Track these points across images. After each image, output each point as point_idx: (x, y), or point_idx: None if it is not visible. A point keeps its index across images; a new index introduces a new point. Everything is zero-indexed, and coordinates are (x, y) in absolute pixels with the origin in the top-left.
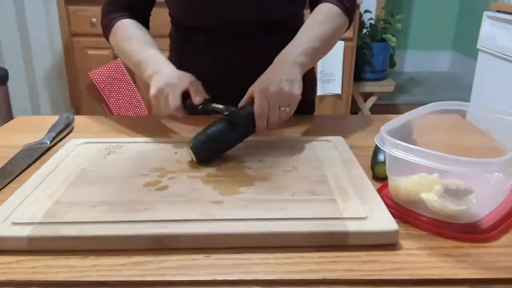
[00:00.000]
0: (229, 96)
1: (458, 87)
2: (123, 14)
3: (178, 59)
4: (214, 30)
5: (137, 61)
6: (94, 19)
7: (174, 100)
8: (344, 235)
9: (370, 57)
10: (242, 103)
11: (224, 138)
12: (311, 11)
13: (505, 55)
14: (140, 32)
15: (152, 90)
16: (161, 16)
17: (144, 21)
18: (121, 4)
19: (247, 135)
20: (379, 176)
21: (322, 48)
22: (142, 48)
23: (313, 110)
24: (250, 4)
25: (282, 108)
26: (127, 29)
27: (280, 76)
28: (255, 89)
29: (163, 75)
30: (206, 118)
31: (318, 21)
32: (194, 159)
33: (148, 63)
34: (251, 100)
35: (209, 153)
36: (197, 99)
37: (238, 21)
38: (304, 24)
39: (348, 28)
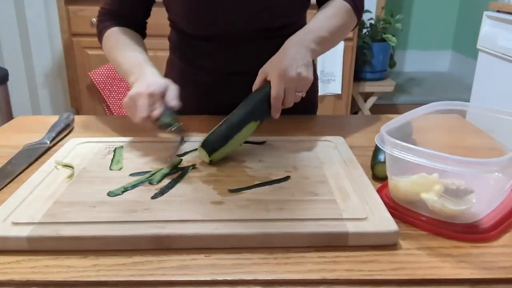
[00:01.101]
0: (234, 93)
1: (458, 87)
2: (115, 22)
3: (180, 61)
4: (216, 36)
5: (124, 69)
6: (94, 19)
7: (140, 112)
8: (344, 236)
9: (370, 57)
10: (255, 85)
11: (237, 133)
12: (319, 6)
13: (505, 55)
14: (130, 39)
15: (125, 99)
16: (161, 16)
17: (139, 30)
18: (114, 13)
19: (259, 124)
20: (379, 176)
21: (331, 39)
22: (129, 55)
23: (316, 109)
24: (252, 12)
25: (297, 93)
26: (117, 37)
27: (297, 59)
28: (271, 72)
29: (140, 82)
30: (207, 118)
31: (330, 14)
32: (207, 159)
33: (132, 70)
34: (265, 82)
35: (222, 151)
36: (154, 113)
37: (241, 28)
38: (316, 15)
39: (355, 28)
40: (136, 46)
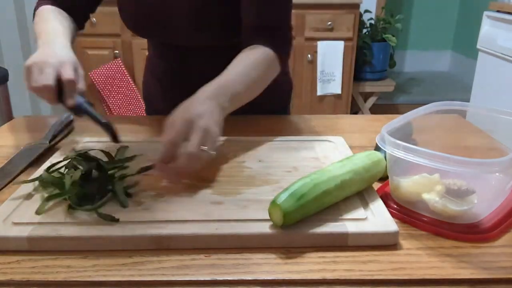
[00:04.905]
0: (180, 96)
1: (458, 87)
2: (53, 3)
3: (148, 61)
4: (165, 44)
5: (38, 33)
6: (94, 19)
7: (46, 79)
8: (344, 236)
9: (370, 57)
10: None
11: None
12: (243, 41)
13: (505, 55)
14: (56, 15)
15: (28, 61)
16: None
17: (77, 19)
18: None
19: None
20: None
21: (247, 96)
22: (50, 24)
23: (288, 107)
24: (185, 29)
25: (205, 148)
26: (47, 12)
27: (209, 113)
28: (175, 118)
29: (49, 48)
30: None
31: (251, 63)
32: (280, 221)
33: (41, 35)
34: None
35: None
36: (69, 102)
37: (178, 42)
38: (236, 62)
39: (283, 67)
40: (62, 21)
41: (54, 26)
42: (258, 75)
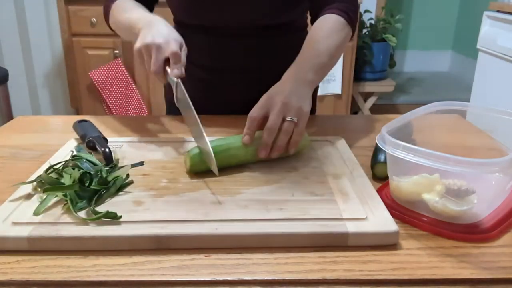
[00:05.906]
0: (227, 94)
1: (458, 87)
2: None
3: None
4: (214, 29)
5: (130, 23)
6: (94, 19)
7: (155, 65)
8: (344, 236)
9: (370, 57)
10: (252, 113)
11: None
12: (312, 17)
13: (505, 55)
14: (136, 3)
15: (137, 44)
16: (163, 16)
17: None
18: None
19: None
20: (379, 176)
21: (330, 62)
22: (136, 11)
23: (315, 109)
24: (245, 9)
25: (288, 118)
26: (123, 4)
27: (289, 90)
28: (262, 98)
29: (153, 29)
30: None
31: (325, 33)
32: (187, 167)
33: (140, 19)
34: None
35: (205, 165)
36: (174, 72)
37: (239, 23)
38: (310, 36)
39: (351, 38)
40: (144, 8)
41: (144, 12)
42: (337, 42)
